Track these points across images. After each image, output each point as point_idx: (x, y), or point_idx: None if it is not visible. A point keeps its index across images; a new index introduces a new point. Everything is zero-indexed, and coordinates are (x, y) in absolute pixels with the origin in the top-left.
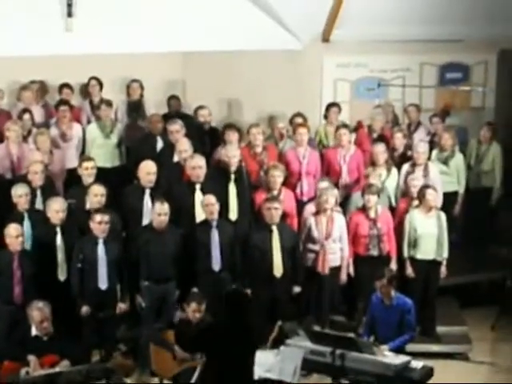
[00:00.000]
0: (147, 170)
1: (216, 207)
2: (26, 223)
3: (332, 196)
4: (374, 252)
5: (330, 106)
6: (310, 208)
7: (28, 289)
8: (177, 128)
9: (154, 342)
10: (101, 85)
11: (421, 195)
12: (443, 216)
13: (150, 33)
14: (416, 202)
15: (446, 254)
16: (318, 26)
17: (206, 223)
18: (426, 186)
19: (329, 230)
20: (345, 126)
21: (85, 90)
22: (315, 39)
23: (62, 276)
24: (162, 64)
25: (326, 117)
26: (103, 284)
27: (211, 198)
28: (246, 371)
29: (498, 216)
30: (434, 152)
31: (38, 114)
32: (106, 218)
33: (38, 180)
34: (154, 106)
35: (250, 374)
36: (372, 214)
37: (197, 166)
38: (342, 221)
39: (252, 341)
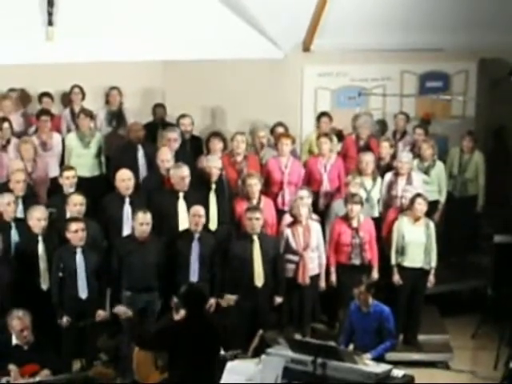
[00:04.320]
0: (121, 178)
1: (203, 220)
2: (14, 232)
3: (304, 207)
4: (356, 261)
5: (320, 115)
6: (287, 219)
7: (7, 297)
8: (175, 136)
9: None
10: (83, 93)
11: (410, 203)
12: (432, 225)
13: (130, 41)
14: (406, 211)
15: (434, 264)
16: (298, 35)
17: (188, 234)
18: (417, 195)
19: (306, 239)
20: (326, 134)
21: (66, 99)
22: (296, 48)
23: (44, 285)
24: (143, 73)
25: (318, 126)
26: (83, 293)
27: (200, 210)
28: (208, 371)
29: (479, 224)
30: (415, 162)
31: (17, 122)
32: (82, 225)
33: (20, 189)
34: (134, 114)
35: (213, 374)
36: (354, 224)
37: (184, 176)
38: (319, 229)
39: (213, 338)
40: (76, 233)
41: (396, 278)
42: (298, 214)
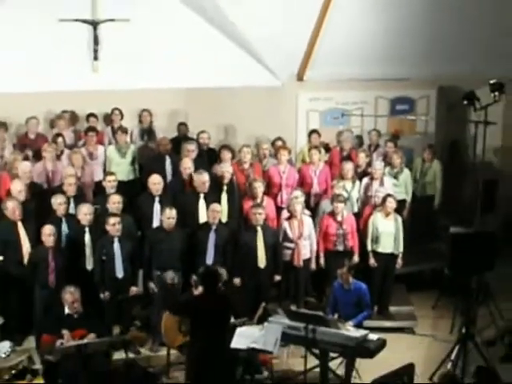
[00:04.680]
0: (153, 181)
1: (219, 215)
2: (64, 225)
3: (298, 204)
4: (340, 247)
5: (311, 132)
6: (285, 214)
7: (61, 276)
8: (192, 148)
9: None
10: (122, 114)
11: (382, 202)
12: (400, 219)
13: (159, 72)
14: (379, 208)
15: (401, 249)
16: (293, 68)
17: (207, 225)
18: (388, 195)
19: (300, 230)
20: (316, 147)
21: (107, 119)
22: (292, 78)
23: (89, 266)
24: (169, 97)
25: (309, 140)
26: (120, 273)
27: (217, 207)
28: (223, 342)
29: (438, 218)
30: (386, 169)
31: (69, 137)
32: (118, 219)
33: (71, 190)
34: (162, 131)
35: (226, 344)
36: (339, 218)
37: (205, 181)
38: (310, 222)
39: (226, 311)
40: (113, 226)
41: (371, 261)
42: (294, 210)
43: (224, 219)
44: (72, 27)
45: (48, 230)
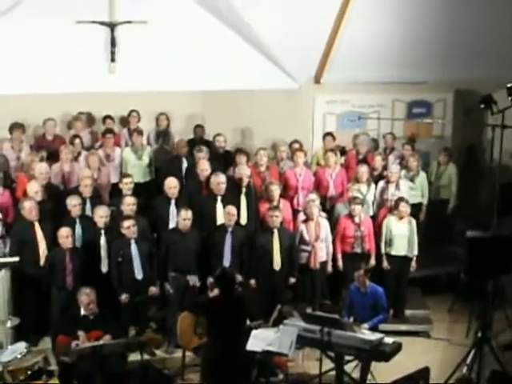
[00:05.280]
0: (169, 185)
1: (235, 217)
2: (78, 227)
3: (315, 207)
4: (358, 250)
5: (325, 135)
6: (301, 216)
7: (77, 278)
8: (203, 155)
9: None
10: (139, 116)
11: (396, 206)
12: (414, 222)
13: (176, 75)
14: (394, 211)
15: (415, 252)
16: (311, 70)
17: (223, 228)
18: (400, 199)
19: (317, 233)
20: (331, 150)
21: (124, 121)
22: (309, 81)
23: (104, 268)
24: (186, 100)
25: (323, 143)
26: (139, 274)
27: (233, 210)
28: (238, 344)
29: (454, 222)
30: (403, 172)
31: (86, 139)
32: (133, 222)
33: (87, 192)
34: (179, 133)
35: (242, 346)
36: (357, 220)
37: (221, 182)
38: (327, 224)
39: (242, 313)
40: (128, 229)
41: (385, 264)
42: (310, 213)
43: (243, 221)
44: (89, 29)
45: (65, 232)
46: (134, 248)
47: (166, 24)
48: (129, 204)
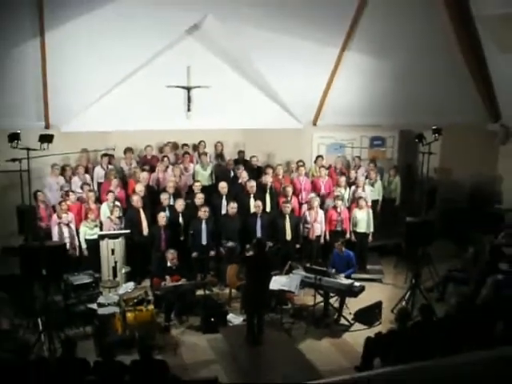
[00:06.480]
0: (222, 186)
1: (261, 207)
2: (167, 212)
3: (315, 201)
4: (339, 228)
5: (317, 157)
6: (305, 207)
7: (166, 243)
8: (240, 171)
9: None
10: (205, 144)
11: (358, 201)
12: (370, 211)
13: (227, 119)
14: (358, 205)
15: (372, 230)
16: (311, 116)
17: (255, 214)
18: (359, 198)
19: (315, 217)
20: (322, 166)
21: (195, 147)
22: (309, 123)
23: (181, 237)
24: (234, 133)
25: (315, 162)
26: (204, 241)
27: (259, 203)
28: (265, 284)
29: (398, 212)
30: (367, 180)
31: (172, 158)
32: (207, 208)
33: (172, 190)
34: (229, 155)
35: (267, 286)
36: (338, 210)
37: (253, 186)
38: (322, 213)
39: (268, 266)
40: (204, 212)
41: (353, 237)
42: (313, 205)
43: (268, 210)
44: (175, 91)
45: (163, 215)
46: (204, 225)
47: (219, 86)
48: (199, 198)
